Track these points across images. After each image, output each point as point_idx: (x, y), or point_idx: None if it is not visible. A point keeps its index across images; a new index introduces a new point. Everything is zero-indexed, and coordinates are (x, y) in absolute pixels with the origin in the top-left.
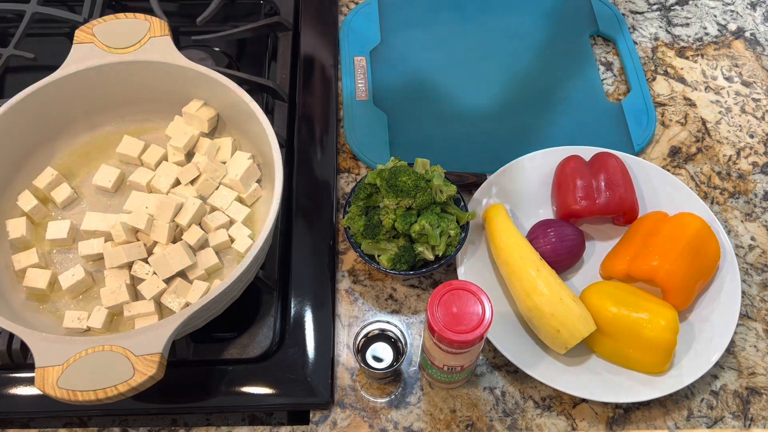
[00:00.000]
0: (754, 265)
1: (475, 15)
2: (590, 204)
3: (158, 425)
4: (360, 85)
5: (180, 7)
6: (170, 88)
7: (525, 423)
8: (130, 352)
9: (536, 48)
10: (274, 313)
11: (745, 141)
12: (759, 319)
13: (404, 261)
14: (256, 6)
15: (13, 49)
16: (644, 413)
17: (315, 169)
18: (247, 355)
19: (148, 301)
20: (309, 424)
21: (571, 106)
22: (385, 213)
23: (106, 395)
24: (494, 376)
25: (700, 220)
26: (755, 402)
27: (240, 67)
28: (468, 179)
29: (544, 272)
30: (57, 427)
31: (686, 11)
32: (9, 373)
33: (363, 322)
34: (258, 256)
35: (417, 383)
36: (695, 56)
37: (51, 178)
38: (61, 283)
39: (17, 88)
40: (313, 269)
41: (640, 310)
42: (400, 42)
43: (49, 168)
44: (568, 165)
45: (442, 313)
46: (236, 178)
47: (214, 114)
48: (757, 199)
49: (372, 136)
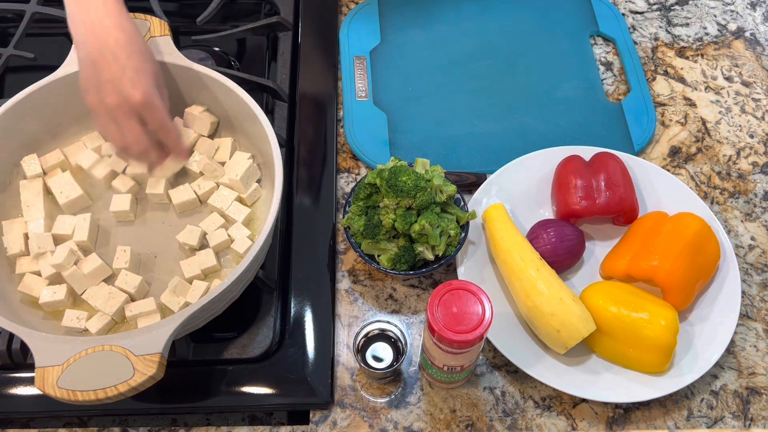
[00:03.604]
0: (754, 265)
1: (475, 15)
2: (590, 204)
3: (158, 425)
4: (360, 85)
5: (180, 7)
6: (170, 88)
7: (525, 423)
8: (130, 352)
9: (536, 48)
10: (274, 313)
11: (745, 141)
12: (759, 319)
13: (404, 261)
14: (256, 6)
15: (13, 49)
16: (644, 413)
17: (315, 169)
18: (247, 355)
19: (149, 300)
20: (309, 424)
21: (571, 106)
22: (385, 213)
23: (106, 395)
24: (494, 376)
25: (700, 220)
26: (755, 402)
27: (240, 67)
28: (468, 179)
29: (544, 272)
30: (57, 427)
31: (686, 11)
32: (9, 373)
33: (363, 322)
34: (258, 256)
35: (417, 383)
36: (695, 56)
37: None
38: (39, 298)
39: (17, 88)
40: (313, 269)
41: (640, 310)
42: (400, 42)
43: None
44: (568, 165)
45: (442, 313)
46: (236, 178)
47: (215, 119)
48: (757, 199)
49: (372, 136)
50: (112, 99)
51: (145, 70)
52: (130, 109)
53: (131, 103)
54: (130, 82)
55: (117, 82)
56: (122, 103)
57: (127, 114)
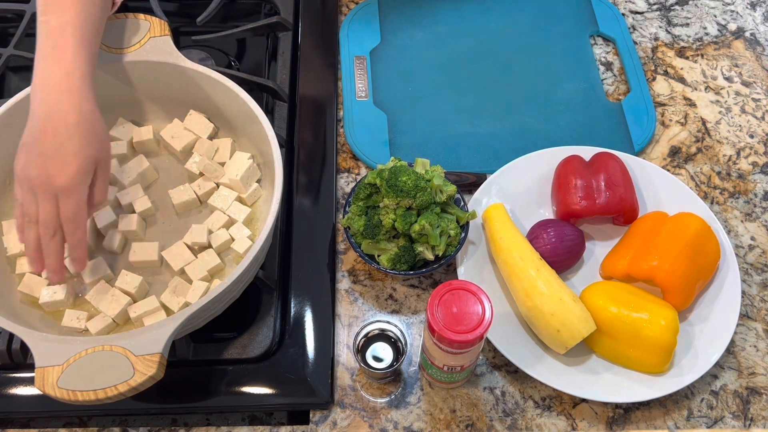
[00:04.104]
0: (754, 265)
1: (475, 15)
2: (590, 204)
3: (158, 425)
4: (360, 85)
5: (180, 7)
6: (170, 88)
7: (525, 423)
8: (130, 352)
9: (536, 48)
10: (274, 313)
11: (745, 141)
12: (759, 319)
13: (404, 261)
14: (256, 6)
15: (13, 49)
16: (644, 413)
17: (315, 169)
18: (247, 355)
19: (151, 298)
20: (309, 424)
21: (571, 106)
22: (385, 213)
23: (106, 395)
24: (494, 376)
25: (700, 220)
26: (755, 402)
27: (240, 67)
28: (468, 179)
29: (544, 272)
30: (57, 427)
31: (686, 11)
32: (9, 373)
33: (363, 322)
34: (258, 256)
35: (417, 383)
36: (695, 56)
37: None
38: (39, 298)
39: (17, 88)
40: (313, 269)
41: (640, 310)
42: (400, 42)
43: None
44: (568, 165)
45: (442, 313)
46: (236, 178)
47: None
48: (757, 199)
49: (372, 136)
50: (37, 172)
51: (82, 155)
52: (51, 189)
53: (53, 184)
54: (60, 163)
55: (48, 158)
56: (45, 180)
57: (47, 192)
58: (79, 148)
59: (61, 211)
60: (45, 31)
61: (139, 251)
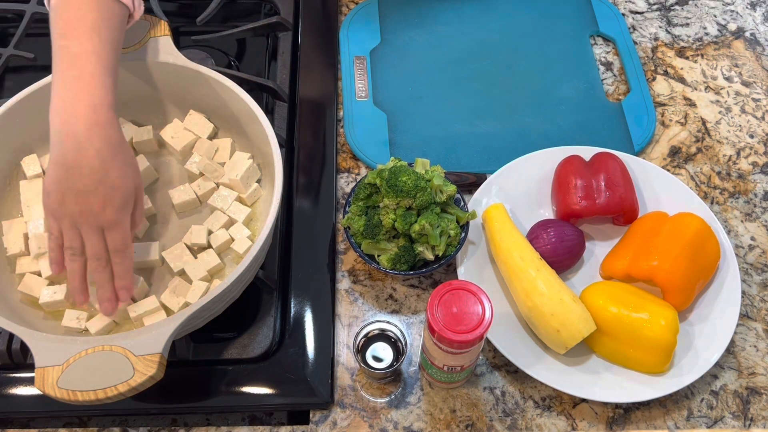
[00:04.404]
0: (754, 265)
1: (475, 15)
2: (590, 204)
3: (158, 425)
4: (360, 85)
5: (180, 7)
6: (170, 88)
7: (525, 423)
8: (130, 352)
9: (536, 48)
10: (274, 313)
11: (745, 141)
12: (759, 319)
13: (404, 261)
14: (256, 6)
15: (13, 49)
16: (644, 413)
17: (315, 169)
18: (247, 355)
19: (151, 298)
20: (309, 424)
21: (571, 106)
22: (385, 213)
23: (106, 395)
24: (494, 376)
25: (700, 220)
26: (755, 402)
27: (240, 67)
28: (468, 179)
29: (544, 272)
30: (57, 427)
31: (686, 11)
32: (9, 373)
33: (363, 322)
34: (258, 256)
35: (417, 383)
36: (695, 56)
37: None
38: (39, 298)
39: (17, 88)
40: (313, 269)
41: (640, 310)
42: (400, 42)
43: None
44: (568, 165)
45: (442, 313)
46: (236, 178)
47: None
48: (757, 199)
49: (372, 136)
50: (80, 209)
51: (123, 188)
52: (96, 223)
53: (99, 219)
54: (103, 198)
55: (89, 194)
56: (90, 216)
57: (93, 227)
58: (120, 182)
59: (109, 243)
60: (66, 57)
61: (139, 251)
